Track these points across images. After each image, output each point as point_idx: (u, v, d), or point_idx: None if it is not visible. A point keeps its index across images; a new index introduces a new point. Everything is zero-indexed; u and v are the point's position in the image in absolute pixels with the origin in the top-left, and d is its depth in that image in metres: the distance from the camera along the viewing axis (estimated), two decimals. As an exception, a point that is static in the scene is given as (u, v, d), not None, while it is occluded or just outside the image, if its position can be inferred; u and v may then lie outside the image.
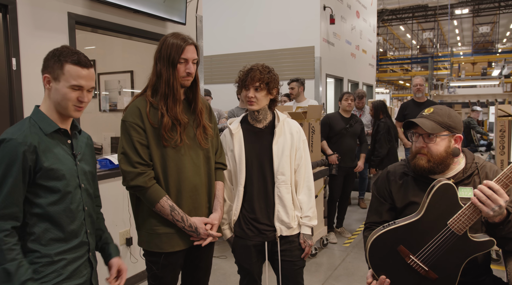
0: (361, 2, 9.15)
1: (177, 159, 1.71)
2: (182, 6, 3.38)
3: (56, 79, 1.38)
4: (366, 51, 9.65)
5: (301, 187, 2.01)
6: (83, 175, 1.48)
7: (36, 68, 2.42)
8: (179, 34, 1.73)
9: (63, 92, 1.38)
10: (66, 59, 1.38)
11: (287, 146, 1.95)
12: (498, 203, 1.28)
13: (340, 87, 8.09)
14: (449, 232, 1.40)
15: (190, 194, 1.75)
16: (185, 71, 1.70)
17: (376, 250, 1.49)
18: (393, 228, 1.48)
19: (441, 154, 1.48)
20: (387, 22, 22.87)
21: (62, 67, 1.37)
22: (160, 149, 1.69)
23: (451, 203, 1.40)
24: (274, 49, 6.90)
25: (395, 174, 1.65)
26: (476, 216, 1.36)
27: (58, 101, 1.40)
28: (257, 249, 1.97)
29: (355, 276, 3.37)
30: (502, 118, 3.62)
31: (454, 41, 29.03)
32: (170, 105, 1.68)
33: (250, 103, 1.90)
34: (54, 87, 1.39)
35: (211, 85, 7.11)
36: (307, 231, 2.00)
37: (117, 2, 2.80)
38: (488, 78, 19.87)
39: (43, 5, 2.45)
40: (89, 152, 1.58)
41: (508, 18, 22.62)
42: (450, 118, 1.51)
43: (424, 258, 1.44)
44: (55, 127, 1.41)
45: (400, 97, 24.30)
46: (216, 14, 7.37)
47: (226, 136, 2.03)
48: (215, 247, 1.90)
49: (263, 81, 1.87)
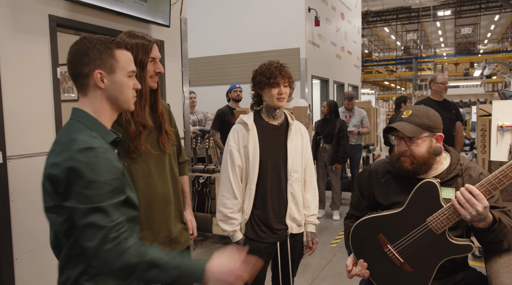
0: (345, 4, 9.24)
1: (145, 173, 1.60)
2: (166, 9, 3.36)
3: (112, 71, 1.18)
4: (351, 53, 9.74)
5: (308, 186, 2.07)
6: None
7: (16, 72, 2.38)
8: (136, 33, 1.60)
9: (122, 83, 1.19)
10: (112, 45, 1.18)
11: (299, 144, 2.00)
12: (476, 207, 1.30)
13: (326, 88, 8.15)
14: (427, 228, 1.43)
15: (160, 207, 1.65)
16: (155, 70, 1.60)
17: (358, 234, 1.57)
18: (376, 216, 1.54)
19: (424, 155, 1.50)
20: (371, 23, 23.16)
21: (113, 55, 1.18)
22: (126, 162, 1.56)
23: (432, 201, 1.43)
24: (259, 51, 6.91)
25: (377, 173, 1.67)
26: (455, 218, 1.38)
27: (117, 97, 1.20)
28: (267, 251, 1.97)
29: (342, 276, 3.39)
30: (483, 117, 3.70)
31: (437, 42, 29.55)
32: (137, 110, 1.56)
33: (281, 100, 1.90)
34: (111, 81, 1.18)
35: (197, 88, 7.09)
36: (313, 229, 2.08)
37: (99, 5, 2.77)
38: (470, 78, 20.27)
39: (22, 7, 2.41)
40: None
41: (489, 19, 23.14)
42: (429, 118, 1.52)
43: (401, 249, 1.48)
44: (113, 136, 1.21)
45: (385, 98, 24.59)
46: (201, 17, 7.35)
47: (240, 132, 1.96)
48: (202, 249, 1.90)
49: (290, 77, 1.94)
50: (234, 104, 4.67)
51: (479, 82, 19.41)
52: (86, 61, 1.16)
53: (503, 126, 3.10)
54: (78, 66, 1.17)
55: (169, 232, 1.68)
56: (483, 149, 3.66)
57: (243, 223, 1.95)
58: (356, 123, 5.48)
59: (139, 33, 1.60)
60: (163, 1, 3.32)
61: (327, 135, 4.92)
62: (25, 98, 2.40)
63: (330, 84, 8.18)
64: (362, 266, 1.55)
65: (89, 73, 1.16)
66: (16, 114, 2.35)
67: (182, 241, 1.76)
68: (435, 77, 4.24)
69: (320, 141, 4.94)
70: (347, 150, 4.84)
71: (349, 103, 5.51)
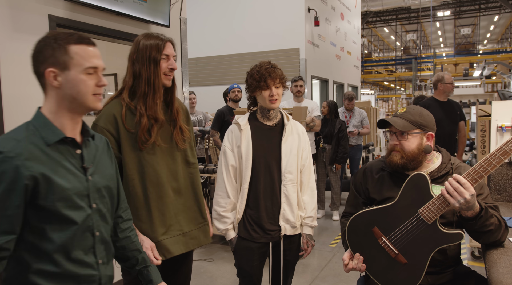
0: (345, 4, 9.25)
1: (154, 164, 1.65)
2: (166, 9, 3.36)
3: (65, 68, 1.11)
4: (351, 53, 9.74)
5: (306, 187, 2.03)
6: (95, 193, 1.21)
7: (15, 72, 2.38)
8: (152, 34, 1.68)
9: (78, 80, 1.12)
10: (67, 41, 1.12)
11: (295, 145, 1.97)
12: (463, 195, 1.36)
13: (326, 88, 8.15)
14: (418, 219, 1.48)
15: (171, 200, 1.69)
16: (168, 67, 1.65)
17: (353, 228, 1.61)
18: (371, 209, 1.59)
19: (413, 151, 1.57)
20: (371, 24, 23.16)
21: (67, 51, 1.11)
22: (136, 153, 1.62)
23: (423, 193, 1.49)
24: (259, 51, 6.92)
25: (372, 170, 1.73)
26: (445, 207, 1.43)
27: (73, 95, 1.13)
28: (260, 251, 1.96)
29: (342, 276, 3.39)
30: (482, 118, 3.70)
31: (437, 42, 29.56)
32: (150, 103, 1.62)
33: (273, 101, 1.90)
34: (65, 79, 1.12)
35: (196, 88, 7.09)
36: (310, 231, 2.03)
37: (99, 5, 2.77)
38: (469, 79, 20.26)
39: (22, 7, 2.41)
40: (107, 159, 1.32)
41: (488, 20, 23.15)
42: (422, 117, 1.60)
43: (395, 241, 1.53)
44: (60, 136, 1.14)
45: (385, 98, 24.59)
46: (200, 17, 7.36)
47: (233, 132, 1.99)
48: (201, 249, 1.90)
49: (282, 79, 1.91)
50: (234, 104, 4.67)
51: (479, 82, 19.42)
52: (40, 60, 1.12)
53: (503, 126, 3.10)
54: (35, 65, 1.14)
55: (180, 226, 1.72)
56: (482, 149, 3.66)
57: (236, 222, 1.96)
58: (356, 123, 5.49)
59: (156, 34, 1.68)
60: (163, 1, 3.32)
61: (326, 135, 4.93)
62: (24, 98, 2.40)
63: (329, 84, 8.19)
64: (358, 260, 1.59)
65: (44, 72, 1.12)
66: (16, 114, 2.35)
67: (201, 237, 1.80)
68: (442, 77, 4.15)
69: (320, 142, 4.94)
70: (346, 150, 4.85)
71: (349, 104, 5.51)
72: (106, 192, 1.27)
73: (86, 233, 1.17)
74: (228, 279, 3.34)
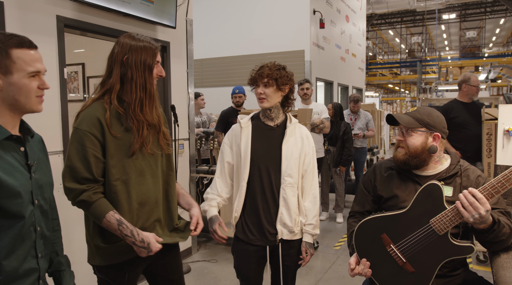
0: (350, 7, 9.24)
1: (138, 170, 1.59)
2: (172, 10, 3.37)
3: (8, 72, 1.12)
4: (355, 55, 9.73)
5: (307, 193, 1.97)
6: (37, 189, 1.23)
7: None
8: (138, 36, 1.60)
9: (21, 84, 1.14)
10: (8, 45, 1.13)
11: (297, 148, 1.92)
12: (479, 211, 1.34)
13: (330, 91, 8.15)
14: (429, 229, 1.47)
15: (151, 208, 1.63)
16: (158, 73, 1.61)
17: (361, 233, 1.60)
18: (380, 216, 1.57)
19: (417, 148, 1.57)
20: (376, 26, 23.13)
21: (8, 55, 1.12)
22: (120, 159, 1.54)
23: (436, 203, 1.47)
24: (264, 53, 6.93)
25: (381, 168, 1.75)
26: (458, 219, 1.41)
27: (15, 98, 1.15)
28: (258, 254, 1.94)
29: (346, 279, 3.38)
30: (489, 121, 3.68)
31: (442, 45, 29.46)
32: (146, 110, 1.58)
33: (260, 100, 1.90)
34: (7, 83, 1.13)
35: (201, 89, 7.10)
36: (310, 239, 1.96)
37: (106, 6, 2.78)
38: (475, 82, 20.12)
39: (31, 7, 2.43)
40: (44, 158, 1.34)
41: (494, 23, 23.05)
42: (430, 117, 1.61)
43: (404, 249, 1.51)
44: (6, 134, 1.15)
45: (389, 100, 24.52)
46: (206, 18, 7.38)
47: (234, 130, 2.01)
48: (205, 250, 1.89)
49: (272, 77, 1.87)
50: (237, 107, 4.70)
51: (484, 86, 19.32)
52: None
53: (509, 130, 3.09)
54: None
55: (158, 234, 1.64)
56: (488, 153, 3.64)
57: (233, 221, 1.97)
58: (361, 126, 5.48)
59: (142, 36, 1.61)
60: (170, 3, 3.34)
61: (331, 137, 4.92)
62: None
63: (334, 86, 8.18)
64: (364, 265, 1.58)
65: None
66: (23, 114, 2.36)
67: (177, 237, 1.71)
68: (468, 79, 3.93)
69: (325, 144, 4.94)
70: (351, 152, 4.84)
71: (354, 106, 5.51)
72: (46, 189, 1.30)
73: (30, 228, 1.20)
74: (232, 280, 3.34)
